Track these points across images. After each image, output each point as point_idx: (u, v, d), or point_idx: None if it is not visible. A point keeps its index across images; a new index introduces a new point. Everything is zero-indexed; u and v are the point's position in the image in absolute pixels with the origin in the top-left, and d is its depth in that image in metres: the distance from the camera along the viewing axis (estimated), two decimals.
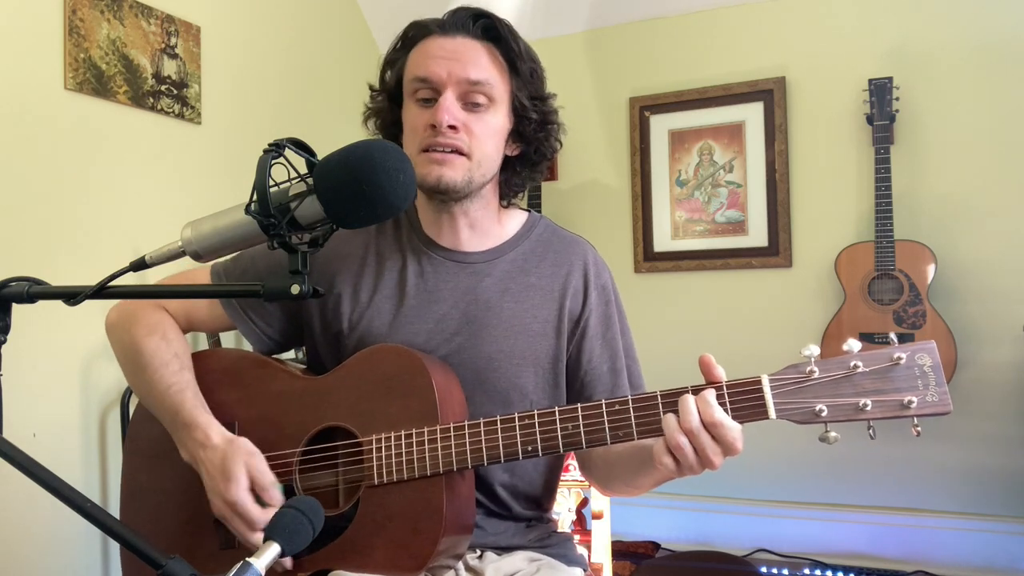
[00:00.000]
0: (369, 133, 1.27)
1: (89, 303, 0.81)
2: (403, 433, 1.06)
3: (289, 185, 0.80)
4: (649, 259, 3.26)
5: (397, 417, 1.08)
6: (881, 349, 0.94)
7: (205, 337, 2.38)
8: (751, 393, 0.95)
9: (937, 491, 2.83)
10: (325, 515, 0.76)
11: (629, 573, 2.82)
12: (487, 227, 1.23)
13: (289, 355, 1.66)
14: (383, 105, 1.24)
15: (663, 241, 3.25)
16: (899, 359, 0.92)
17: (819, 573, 2.80)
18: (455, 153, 1.12)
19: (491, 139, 1.15)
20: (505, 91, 1.16)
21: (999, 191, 2.76)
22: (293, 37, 2.93)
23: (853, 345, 0.94)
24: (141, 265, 0.82)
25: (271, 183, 0.77)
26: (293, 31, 2.93)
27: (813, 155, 3.02)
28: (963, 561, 2.74)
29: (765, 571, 2.83)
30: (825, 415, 0.93)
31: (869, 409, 0.92)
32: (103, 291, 0.80)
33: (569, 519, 1.83)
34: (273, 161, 0.78)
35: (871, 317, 2.74)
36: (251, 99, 2.71)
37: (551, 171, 3.34)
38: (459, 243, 1.22)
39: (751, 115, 3.10)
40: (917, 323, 2.68)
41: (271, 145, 0.78)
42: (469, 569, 1.15)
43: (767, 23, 3.07)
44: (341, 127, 2.81)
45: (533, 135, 1.20)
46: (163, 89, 2.35)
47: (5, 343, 0.79)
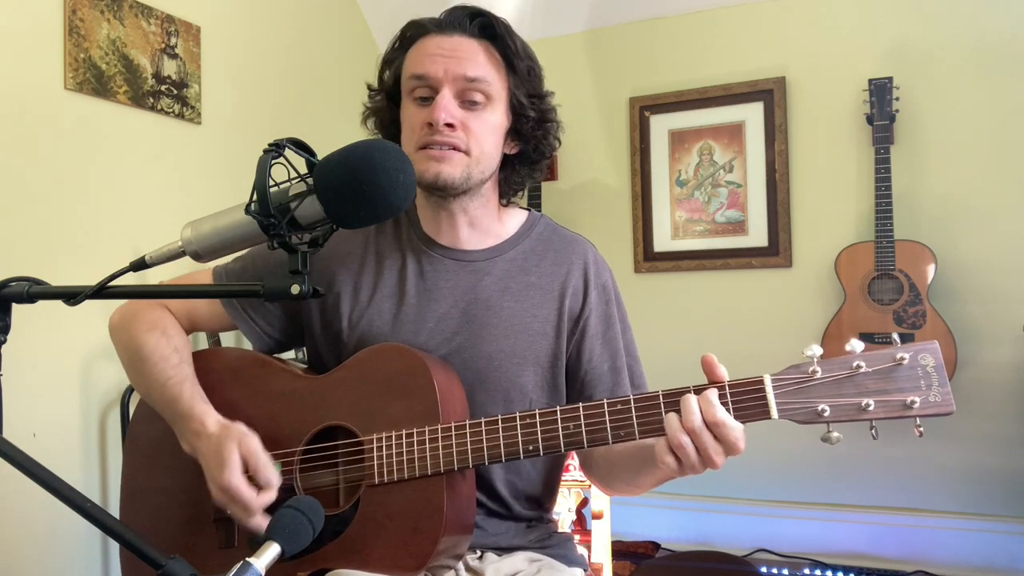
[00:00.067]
0: (368, 133, 1.27)
1: (89, 303, 0.81)
2: (404, 432, 1.06)
3: (289, 185, 0.81)
4: (649, 259, 3.26)
5: (398, 416, 1.07)
6: (884, 349, 0.93)
7: (205, 337, 2.38)
8: (753, 393, 0.95)
9: (937, 491, 2.83)
10: (325, 514, 0.76)
11: (629, 573, 2.82)
12: (487, 225, 1.23)
13: (289, 355, 1.66)
14: (382, 104, 1.24)
15: (663, 241, 3.25)
16: (902, 359, 0.92)
17: (819, 573, 2.80)
18: (453, 150, 1.12)
19: (489, 136, 1.15)
20: (503, 89, 1.16)
21: (999, 191, 2.76)
22: (293, 37, 2.93)
23: (856, 345, 0.93)
24: (141, 265, 0.82)
25: (271, 183, 0.77)
26: (293, 31, 2.93)
27: (813, 155, 3.02)
28: (963, 561, 2.74)
29: (765, 571, 2.83)
30: (827, 415, 0.93)
31: (872, 409, 0.92)
32: (103, 291, 0.80)
33: (569, 519, 1.83)
34: (273, 161, 0.78)
35: (871, 317, 2.74)
36: (251, 99, 2.71)
37: (551, 171, 3.34)
38: (458, 241, 1.22)
39: (751, 115, 3.10)
40: (917, 323, 2.68)
41: (271, 145, 0.78)
42: (469, 569, 1.15)
43: (767, 23, 3.07)
44: (341, 127, 2.80)
45: (531, 133, 1.20)
46: (163, 89, 2.35)
47: (5, 343, 0.79)
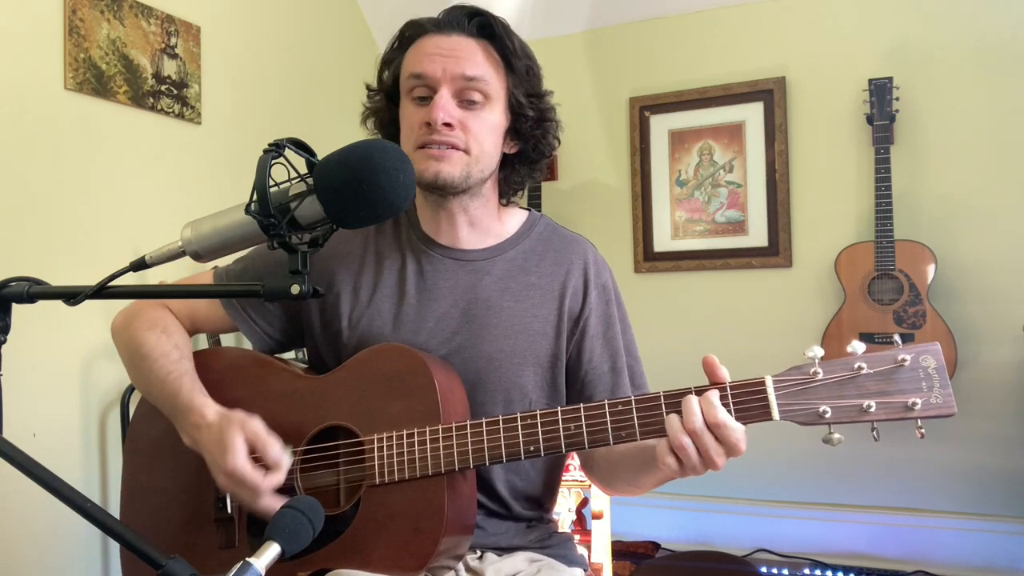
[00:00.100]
0: (368, 133, 1.27)
1: (89, 303, 0.81)
2: (404, 432, 1.06)
3: (289, 185, 0.80)
4: (649, 259, 3.26)
5: (399, 416, 1.07)
6: (885, 351, 0.93)
7: (205, 338, 2.37)
8: (755, 394, 0.95)
9: (937, 491, 2.83)
10: (326, 514, 0.76)
11: (629, 573, 2.82)
12: (487, 225, 1.23)
13: (290, 355, 1.66)
14: (381, 104, 1.24)
15: (663, 241, 3.24)
16: (903, 361, 0.92)
17: (819, 573, 2.80)
18: (452, 148, 1.12)
19: (488, 136, 1.15)
20: (501, 88, 1.16)
21: (999, 191, 2.76)
22: (293, 37, 2.93)
23: (857, 347, 0.93)
24: (141, 265, 0.82)
25: (271, 183, 0.77)
26: (293, 31, 2.93)
27: (813, 155, 3.02)
28: (963, 561, 2.74)
29: (765, 571, 2.82)
30: (829, 416, 0.93)
31: (873, 411, 0.92)
32: (103, 291, 0.80)
33: (569, 519, 1.83)
34: (273, 161, 0.78)
35: (871, 317, 2.74)
36: (251, 99, 2.71)
37: (551, 171, 3.34)
38: (458, 241, 1.22)
39: (751, 115, 3.10)
40: (917, 323, 2.68)
41: (271, 145, 0.78)
42: (469, 570, 1.15)
43: (767, 23, 3.07)
44: (341, 127, 2.80)
45: (530, 132, 1.20)
46: (163, 89, 2.35)
47: (5, 343, 0.79)
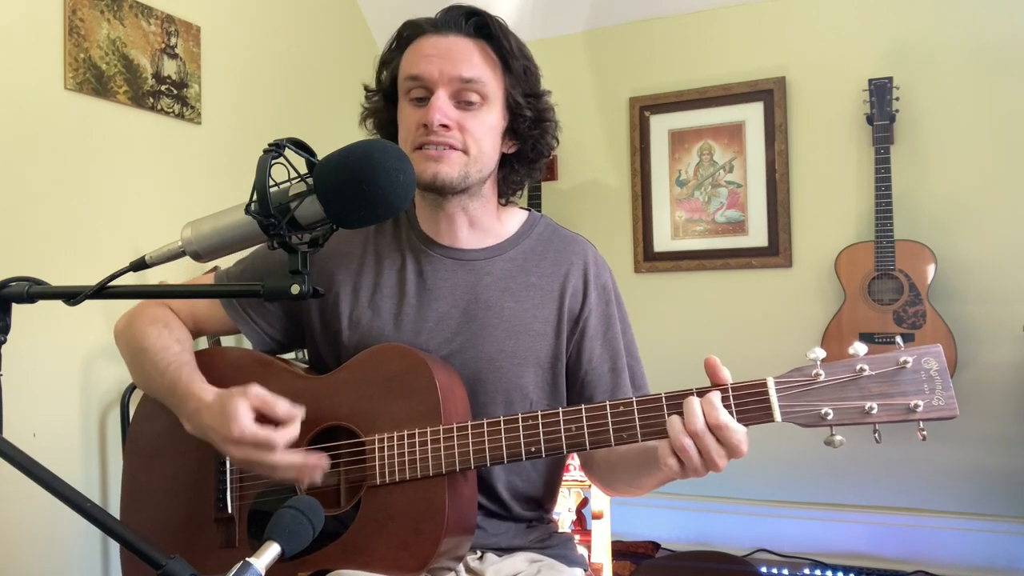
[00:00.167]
0: (368, 133, 1.27)
1: (89, 303, 0.80)
2: (405, 433, 1.06)
3: (289, 185, 0.80)
4: (649, 259, 3.26)
5: (400, 417, 1.07)
6: (887, 353, 0.93)
7: (205, 339, 2.37)
8: (756, 396, 0.95)
9: (937, 491, 2.83)
10: (326, 515, 0.76)
11: (629, 573, 2.82)
12: (487, 224, 1.23)
13: (290, 355, 1.65)
14: (379, 105, 1.24)
15: (663, 241, 3.24)
16: (905, 363, 0.92)
17: (819, 573, 2.80)
18: (450, 149, 1.12)
19: (486, 136, 1.15)
20: (499, 88, 1.16)
21: (999, 191, 2.76)
22: (293, 37, 2.93)
23: (859, 348, 0.93)
24: (141, 265, 0.82)
25: (271, 183, 0.77)
26: (293, 31, 2.93)
27: (813, 155, 3.02)
28: (963, 561, 2.74)
29: (765, 571, 2.82)
30: (831, 418, 0.93)
31: (875, 413, 0.92)
32: (103, 291, 0.80)
33: (569, 519, 1.83)
34: (273, 161, 0.78)
35: (871, 317, 2.73)
36: (251, 99, 2.71)
37: (551, 171, 3.34)
38: (458, 241, 1.22)
39: (751, 115, 3.10)
40: (917, 323, 2.68)
41: (271, 145, 0.78)
42: (470, 570, 1.15)
43: (767, 23, 3.07)
44: (341, 127, 2.80)
45: (528, 132, 1.20)
46: (163, 89, 2.35)
47: (5, 343, 0.79)
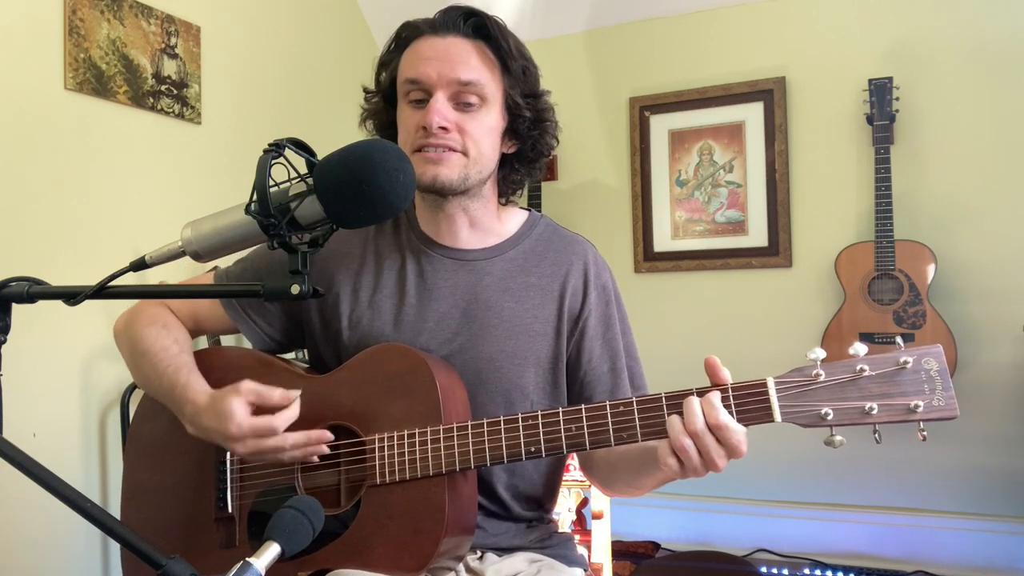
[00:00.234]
0: (368, 134, 1.27)
1: (89, 303, 0.80)
2: (406, 433, 1.06)
3: (289, 185, 0.80)
4: (649, 259, 3.26)
5: (400, 417, 1.07)
6: (887, 353, 0.93)
7: (205, 338, 2.37)
8: (756, 396, 0.95)
9: (937, 491, 2.83)
10: (327, 514, 0.76)
11: (629, 573, 2.82)
12: (487, 224, 1.23)
13: (290, 355, 1.65)
14: (379, 106, 1.24)
15: (663, 241, 3.24)
16: (905, 363, 0.92)
17: (819, 573, 2.80)
18: (449, 151, 1.12)
19: (485, 138, 1.15)
20: (498, 89, 1.16)
21: (999, 191, 2.76)
22: (293, 37, 2.93)
23: (859, 349, 0.93)
24: (141, 265, 0.82)
25: (271, 183, 0.77)
26: (293, 31, 2.93)
27: (813, 155, 3.02)
28: (963, 561, 2.74)
29: (765, 571, 2.82)
30: (831, 419, 0.93)
31: (875, 413, 0.91)
32: (103, 291, 0.80)
33: (569, 519, 1.83)
34: (273, 161, 0.78)
35: (871, 317, 2.73)
36: (251, 99, 2.71)
37: (551, 171, 3.33)
38: (458, 241, 1.22)
39: (751, 115, 3.10)
40: (917, 323, 2.68)
41: (271, 145, 0.78)
42: (470, 570, 1.15)
43: (767, 23, 3.07)
44: (341, 127, 2.80)
45: (528, 133, 1.20)
46: (163, 89, 2.35)
47: (5, 343, 0.79)
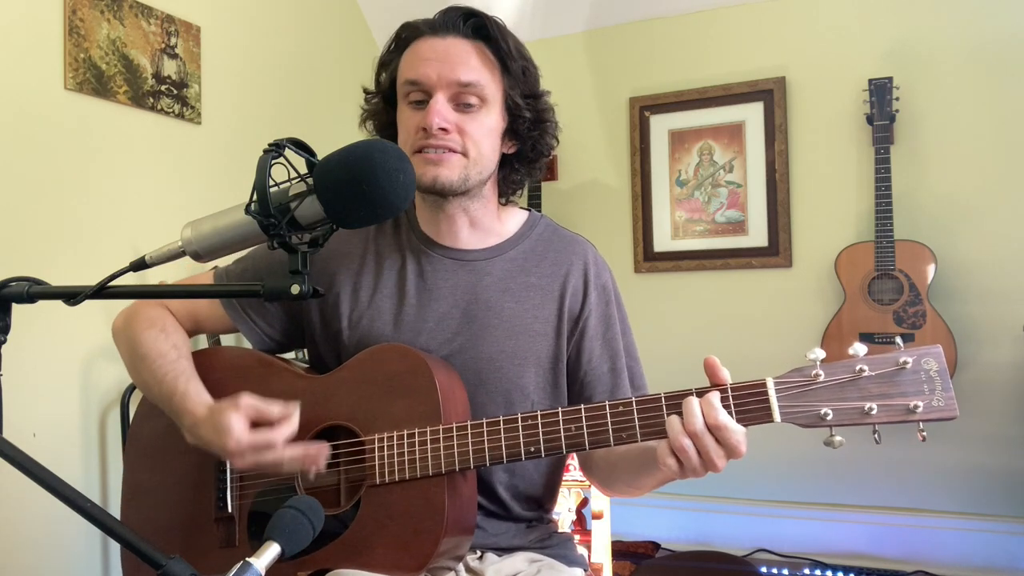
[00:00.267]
0: (368, 135, 1.27)
1: (89, 303, 0.80)
2: (405, 433, 1.06)
3: (289, 185, 0.80)
4: (649, 259, 3.26)
5: (400, 416, 1.07)
6: (887, 353, 0.93)
7: (205, 338, 2.37)
8: (756, 396, 0.95)
9: (937, 491, 2.83)
10: (326, 514, 0.76)
11: (629, 573, 2.82)
12: (488, 224, 1.23)
13: (290, 355, 1.65)
14: (379, 107, 1.24)
15: (663, 241, 3.24)
16: (905, 363, 0.91)
17: (819, 573, 2.80)
18: (449, 152, 1.12)
19: (485, 138, 1.15)
20: (497, 90, 1.16)
21: (999, 191, 2.76)
22: (293, 37, 2.93)
23: (859, 349, 0.93)
24: (141, 265, 0.82)
25: (271, 183, 0.77)
26: (293, 31, 2.93)
27: (813, 155, 3.02)
28: (963, 561, 2.74)
29: (765, 571, 2.82)
30: (830, 419, 0.93)
31: (875, 413, 0.91)
32: (103, 291, 0.80)
33: (569, 519, 1.83)
34: (273, 161, 0.78)
35: (871, 317, 2.73)
36: (251, 99, 2.71)
37: (551, 171, 3.34)
38: (458, 241, 1.22)
39: (751, 115, 3.10)
40: (917, 323, 2.68)
41: (271, 145, 0.78)
42: (469, 570, 1.15)
43: (767, 23, 3.07)
44: (341, 127, 2.80)
45: (528, 133, 1.19)
46: (163, 89, 2.35)
47: (5, 343, 0.79)
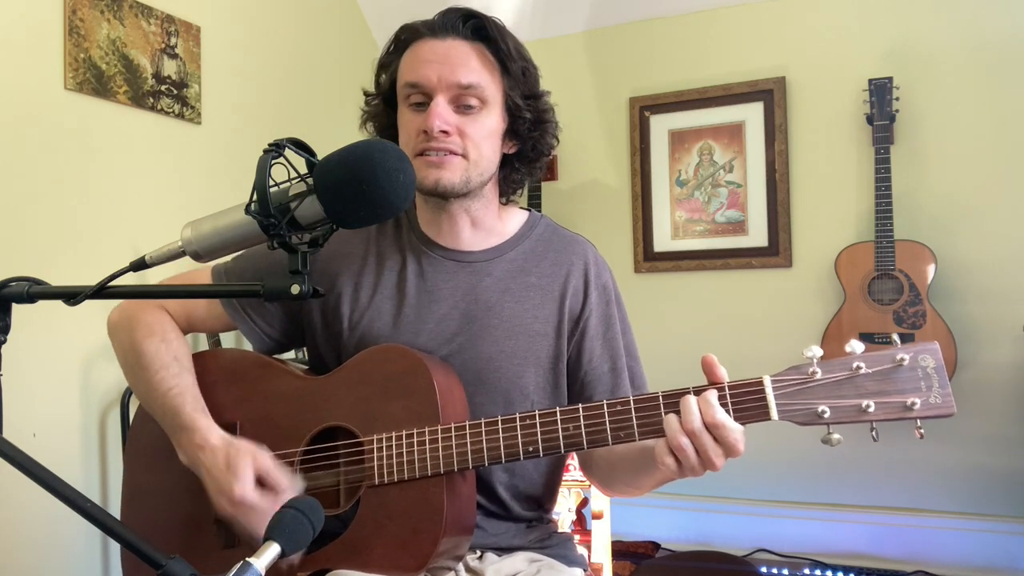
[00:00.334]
0: (369, 136, 1.27)
1: (89, 303, 0.81)
2: (404, 433, 1.06)
3: (289, 185, 0.80)
4: (649, 259, 3.26)
5: (398, 417, 1.07)
6: (884, 350, 0.93)
7: (205, 337, 2.37)
8: (753, 394, 0.95)
9: (937, 491, 2.83)
10: (326, 515, 0.76)
11: (629, 573, 2.82)
12: (489, 224, 1.23)
13: (289, 355, 1.66)
14: (379, 109, 1.24)
15: (663, 241, 3.24)
16: (902, 360, 0.91)
17: (819, 573, 2.80)
18: (450, 154, 1.12)
19: (486, 140, 1.15)
20: (498, 91, 1.16)
21: (999, 191, 2.76)
22: (293, 37, 2.93)
23: (856, 346, 0.93)
24: (141, 265, 0.82)
25: (271, 183, 0.77)
26: (293, 31, 2.93)
27: (813, 155, 3.02)
28: (963, 561, 2.74)
29: (765, 571, 2.82)
30: (827, 416, 0.92)
31: (872, 411, 0.91)
32: (103, 291, 0.80)
33: (569, 519, 1.83)
34: (273, 161, 0.77)
35: (871, 317, 2.74)
36: (251, 99, 2.71)
37: (551, 171, 3.34)
38: (459, 242, 1.22)
39: (751, 115, 3.10)
40: (917, 323, 2.68)
41: (271, 145, 0.78)
42: (469, 570, 1.15)
43: (767, 23, 3.07)
44: (341, 127, 2.80)
45: (528, 133, 1.19)
46: (163, 89, 2.35)
47: (5, 343, 0.79)
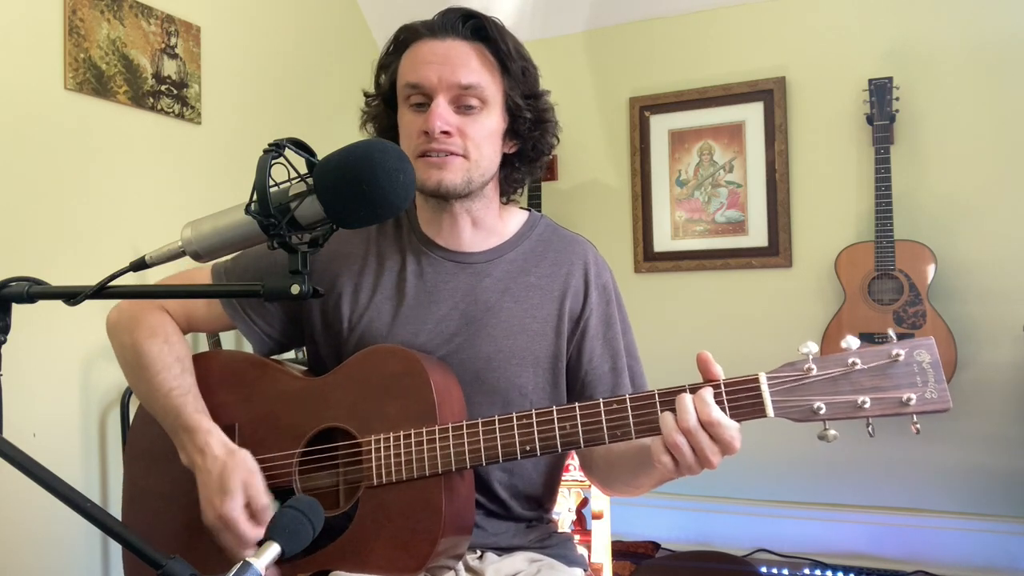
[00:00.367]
0: (369, 136, 1.27)
1: (89, 303, 0.81)
2: (402, 433, 1.06)
3: (289, 185, 0.80)
4: (649, 259, 3.26)
5: (396, 417, 1.08)
6: (880, 346, 0.93)
7: (205, 337, 2.38)
8: (749, 391, 0.95)
9: (937, 491, 2.83)
10: (325, 516, 0.76)
11: (629, 573, 2.82)
12: (490, 224, 1.23)
13: (289, 355, 1.66)
14: (379, 110, 1.24)
15: (663, 241, 3.25)
16: (898, 356, 0.91)
17: (819, 573, 2.80)
18: (451, 155, 1.12)
19: (486, 140, 1.15)
20: (498, 91, 1.16)
21: (999, 191, 2.76)
22: (293, 37, 2.93)
23: (851, 342, 0.93)
24: (141, 265, 0.82)
25: (271, 183, 0.77)
26: (293, 31, 2.93)
27: (813, 155, 3.02)
28: (963, 561, 2.74)
29: (765, 571, 2.82)
30: (823, 413, 0.92)
31: (868, 407, 0.91)
32: (103, 291, 0.80)
33: (569, 519, 1.83)
34: (273, 161, 0.78)
35: (871, 317, 2.74)
36: (251, 99, 2.71)
37: (551, 171, 3.34)
38: (460, 243, 1.22)
39: (751, 115, 3.10)
40: (917, 323, 2.68)
41: (271, 145, 0.78)
42: (469, 570, 1.15)
43: (767, 23, 3.07)
44: (341, 128, 2.81)
45: (528, 133, 1.20)
46: (163, 89, 2.35)
47: (5, 343, 0.79)
